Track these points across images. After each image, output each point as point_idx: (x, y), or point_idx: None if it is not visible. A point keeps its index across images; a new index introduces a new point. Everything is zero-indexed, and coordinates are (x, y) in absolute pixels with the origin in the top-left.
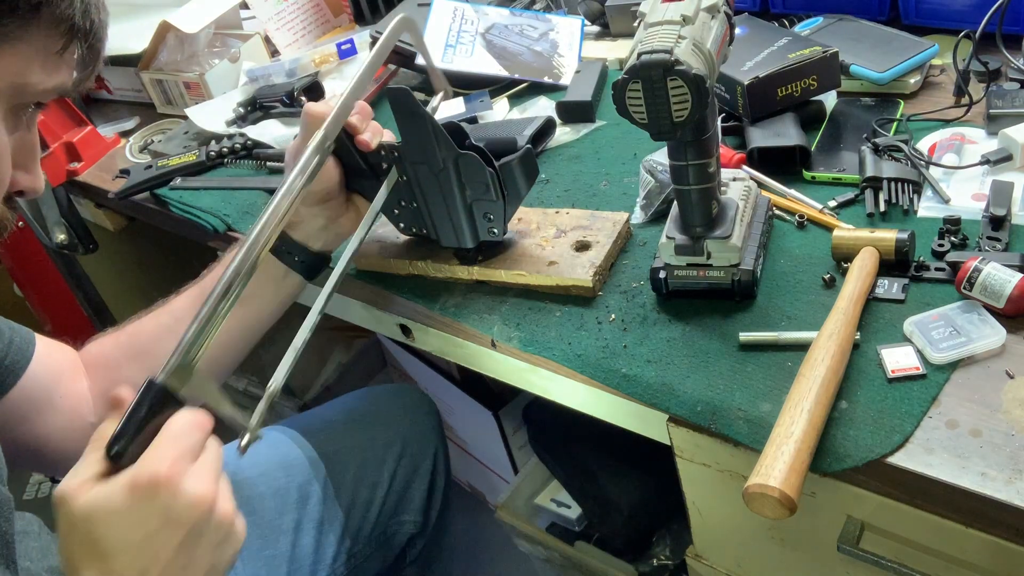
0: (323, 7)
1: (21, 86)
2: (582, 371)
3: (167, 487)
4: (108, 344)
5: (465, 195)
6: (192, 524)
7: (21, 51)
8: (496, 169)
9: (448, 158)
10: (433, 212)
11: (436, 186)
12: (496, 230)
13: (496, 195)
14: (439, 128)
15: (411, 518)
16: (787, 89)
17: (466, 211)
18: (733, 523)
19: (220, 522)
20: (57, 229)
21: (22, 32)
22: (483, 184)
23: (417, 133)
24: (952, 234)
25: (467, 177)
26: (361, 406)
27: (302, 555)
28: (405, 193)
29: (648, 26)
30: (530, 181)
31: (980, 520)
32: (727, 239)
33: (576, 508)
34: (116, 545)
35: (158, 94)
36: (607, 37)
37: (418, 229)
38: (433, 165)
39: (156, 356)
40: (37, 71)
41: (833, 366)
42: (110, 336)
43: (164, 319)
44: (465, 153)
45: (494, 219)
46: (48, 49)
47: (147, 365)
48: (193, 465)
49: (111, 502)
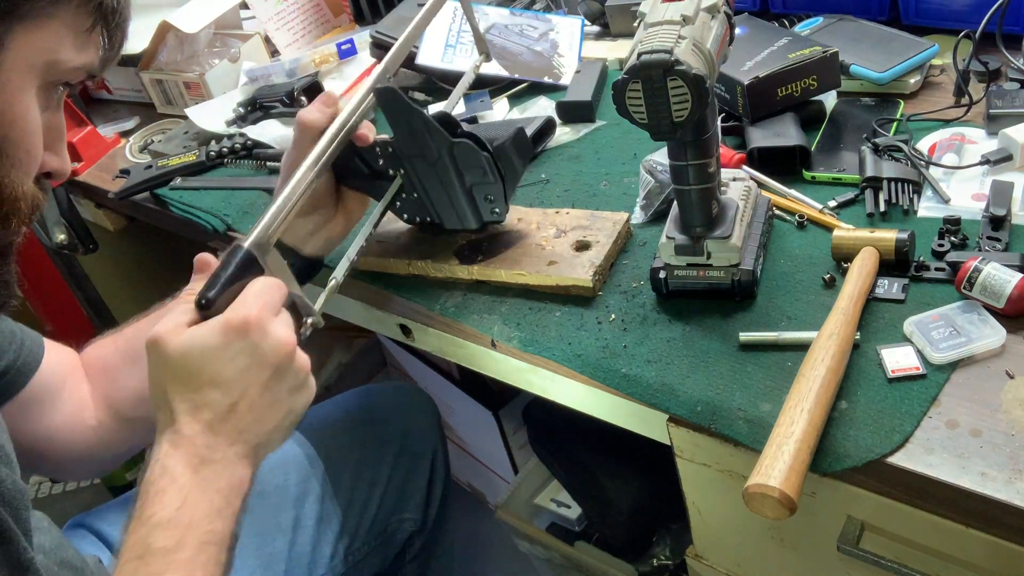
0: (323, 7)
1: (53, 63)
2: (582, 371)
3: (257, 328)
4: (107, 348)
5: (464, 181)
6: (276, 364)
7: (53, 28)
8: (491, 152)
9: (443, 148)
10: (435, 201)
11: (435, 176)
12: (498, 210)
13: (494, 177)
14: (430, 121)
15: (410, 516)
16: (787, 89)
17: (467, 196)
18: (733, 523)
19: (299, 368)
20: (57, 229)
21: (53, 9)
22: (480, 168)
23: (409, 128)
24: (952, 234)
25: (464, 164)
26: (360, 404)
27: (301, 553)
28: (405, 185)
29: (648, 26)
30: (525, 159)
31: (980, 520)
32: (727, 239)
33: (576, 508)
34: (210, 379)
35: (158, 94)
36: (607, 37)
37: (422, 218)
38: (429, 157)
39: None
40: (68, 48)
41: (833, 366)
42: (109, 339)
43: None
44: (459, 141)
45: (495, 199)
46: (78, 27)
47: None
48: (276, 316)
49: (206, 340)
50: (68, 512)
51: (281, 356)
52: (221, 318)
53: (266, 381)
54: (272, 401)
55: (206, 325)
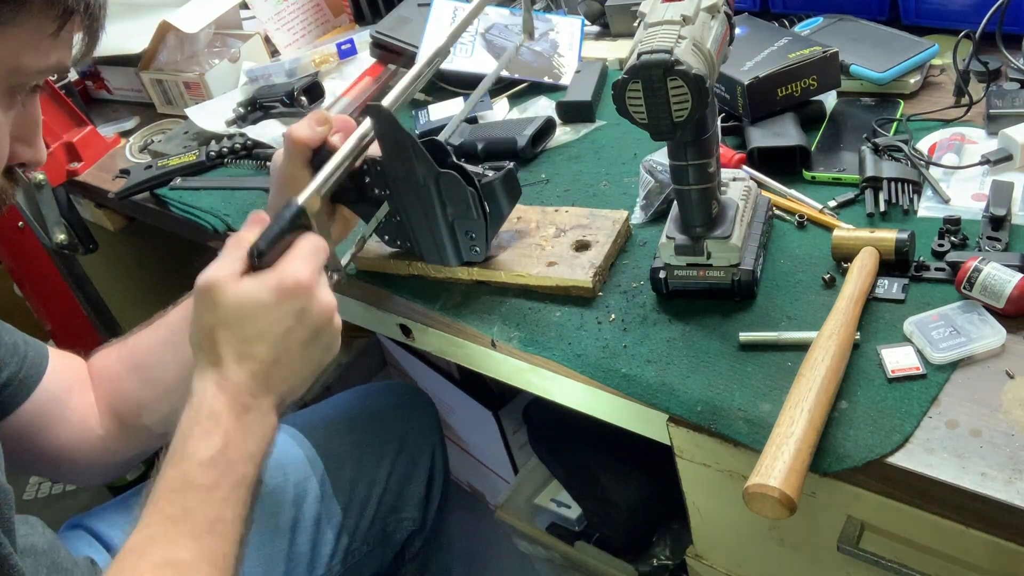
0: (323, 7)
1: (15, 69)
2: (582, 371)
3: (307, 292)
4: (112, 357)
5: (447, 213)
6: (318, 326)
7: (15, 34)
8: (477, 188)
9: (429, 176)
10: (415, 228)
11: (418, 203)
12: (478, 249)
13: (477, 214)
14: (419, 147)
15: (409, 515)
16: (787, 89)
17: (448, 229)
18: (733, 523)
19: (335, 330)
20: (57, 229)
21: (13, 16)
22: (464, 203)
23: (398, 151)
24: (952, 234)
25: (448, 195)
26: (359, 404)
27: (300, 553)
28: (390, 208)
29: (648, 26)
30: (512, 201)
31: (980, 520)
32: (727, 239)
33: (576, 508)
34: (260, 334)
35: (158, 94)
36: (607, 37)
37: (403, 242)
38: (414, 181)
39: (153, 369)
40: (30, 54)
41: (833, 366)
42: (114, 348)
43: (162, 332)
44: (446, 172)
45: (476, 238)
46: (42, 32)
47: (145, 378)
48: (322, 279)
49: (260, 296)
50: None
51: (324, 319)
52: (275, 277)
53: (306, 340)
54: (308, 359)
55: (262, 280)
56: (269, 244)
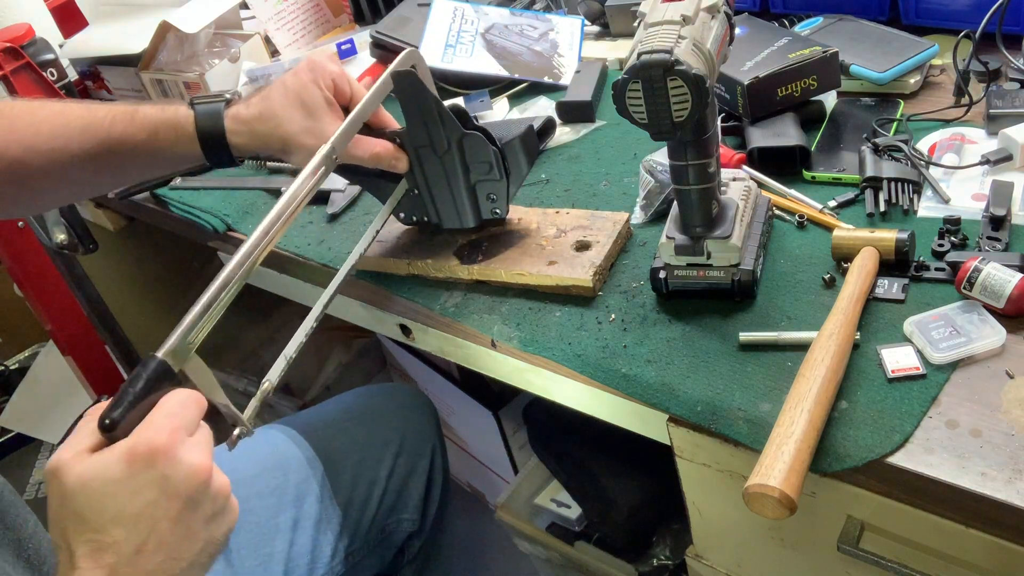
0: (323, 7)
1: None
2: (582, 371)
3: (165, 456)
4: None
5: (468, 176)
6: (190, 495)
7: None
8: (500, 148)
9: (453, 138)
10: (436, 195)
11: (440, 169)
12: (499, 210)
13: (499, 174)
14: (445, 109)
15: (409, 516)
16: (787, 89)
17: (469, 192)
18: (733, 523)
19: (216, 494)
20: (57, 229)
21: None
22: (487, 163)
23: (422, 116)
24: (952, 234)
25: (471, 157)
26: (358, 404)
27: (299, 554)
28: (408, 183)
29: (648, 26)
30: (531, 160)
31: (980, 520)
32: (727, 239)
33: (576, 508)
34: (112, 517)
35: (158, 94)
36: (607, 37)
37: (419, 217)
38: (438, 147)
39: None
40: None
41: (833, 366)
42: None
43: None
44: (470, 133)
45: (497, 199)
46: None
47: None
48: (190, 438)
49: (108, 472)
50: None
51: (195, 485)
52: (125, 445)
53: (178, 514)
54: (186, 535)
55: (109, 453)
56: (122, 411)
